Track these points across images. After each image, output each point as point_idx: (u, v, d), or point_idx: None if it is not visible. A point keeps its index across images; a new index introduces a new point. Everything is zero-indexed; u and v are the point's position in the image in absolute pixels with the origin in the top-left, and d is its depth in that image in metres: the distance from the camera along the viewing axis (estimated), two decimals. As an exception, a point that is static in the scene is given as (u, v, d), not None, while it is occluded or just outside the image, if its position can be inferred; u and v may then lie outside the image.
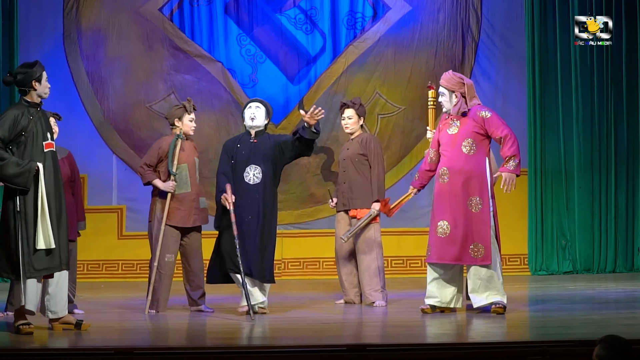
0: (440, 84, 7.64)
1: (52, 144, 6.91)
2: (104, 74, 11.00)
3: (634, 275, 10.72)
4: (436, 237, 7.46)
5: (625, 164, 11.13)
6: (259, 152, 7.84)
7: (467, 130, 7.47)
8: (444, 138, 7.56)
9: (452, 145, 7.49)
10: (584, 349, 5.32)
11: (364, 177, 8.32)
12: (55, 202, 6.83)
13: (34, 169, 6.74)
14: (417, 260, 10.94)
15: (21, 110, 6.87)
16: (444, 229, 7.44)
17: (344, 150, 8.51)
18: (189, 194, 7.98)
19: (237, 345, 6.35)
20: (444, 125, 7.58)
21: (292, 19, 11.17)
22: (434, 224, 7.51)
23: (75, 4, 10.96)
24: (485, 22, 11.14)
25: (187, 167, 7.99)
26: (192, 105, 8.14)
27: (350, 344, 6.03)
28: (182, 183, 7.96)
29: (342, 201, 8.39)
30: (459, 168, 7.45)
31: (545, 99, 11.06)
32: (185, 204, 7.96)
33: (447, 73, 7.71)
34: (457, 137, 7.48)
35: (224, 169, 7.89)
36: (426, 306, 7.54)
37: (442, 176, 7.50)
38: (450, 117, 7.56)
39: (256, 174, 7.81)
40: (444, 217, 7.44)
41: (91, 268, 10.89)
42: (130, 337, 7.07)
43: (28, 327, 6.76)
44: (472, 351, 5.85)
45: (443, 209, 7.46)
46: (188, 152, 8.06)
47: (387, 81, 11.13)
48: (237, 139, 8.01)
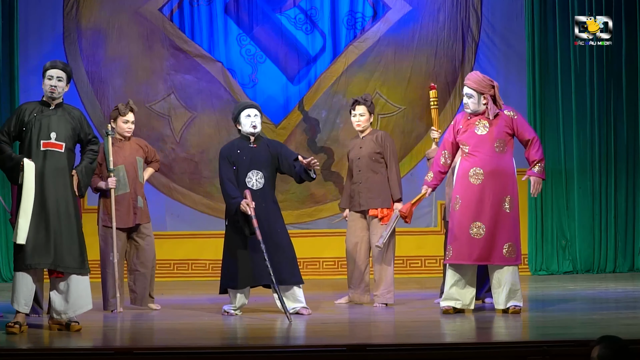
0: (467, 85, 7.54)
1: (55, 144, 6.87)
2: (104, 74, 11.00)
3: (634, 275, 10.72)
4: (468, 238, 7.36)
5: (625, 164, 11.13)
6: (260, 157, 7.82)
7: (498, 131, 7.45)
8: (471, 139, 7.47)
9: (483, 145, 7.44)
10: (584, 349, 5.30)
11: (381, 176, 8.25)
12: (51, 202, 6.80)
13: (20, 163, 6.74)
14: (417, 260, 10.94)
15: (31, 106, 6.94)
16: (478, 230, 7.37)
17: (356, 148, 8.35)
18: (127, 194, 8.09)
19: (237, 345, 6.35)
20: (468, 126, 7.51)
21: (292, 19, 11.17)
22: (464, 224, 7.40)
23: (75, 4, 10.96)
24: (485, 22, 11.14)
25: (124, 167, 8.09)
26: (129, 107, 8.21)
27: (350, 344, 6.03)
28: (119, 184, 8.06)
29: (359, 201, 8.27)
30: (493, 168, 7.42)
31: (545, 99, 11.05)
32: (124, 204, 8.07)
33: (474, 74, 7.62)
34: (489, 138, 7.44)
35: (228, 175, 7.78)
36: (449, 307, 7.47)
37: (473, 177, 7.42)
38: (474, 118, 7.50)
39: (258, 178, 7.78)
40: (479, 218, 7.38)
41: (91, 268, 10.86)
42: (131, 337, 7.07)
43: (13, 327, 6.75)
44: (472, 351, 5.85)
45: (477, 209, 7.38)
46: (127, 152, 8.18)
47: (387, 81, 11.13)
48: (235, 145, 7.93)
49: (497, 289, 7.48)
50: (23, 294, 6.82)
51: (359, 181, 8.30)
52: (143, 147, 8.33)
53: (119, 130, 8.18)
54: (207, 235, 10.84)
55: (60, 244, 6.81)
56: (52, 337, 6.69)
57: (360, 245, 8.31)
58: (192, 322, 7.51)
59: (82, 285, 6.94)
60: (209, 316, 7.78)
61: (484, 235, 7.37)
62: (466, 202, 7.44)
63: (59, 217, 6.83)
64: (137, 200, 8.13)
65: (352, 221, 8.37)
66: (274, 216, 7.79)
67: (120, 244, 8.10)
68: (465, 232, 7.41)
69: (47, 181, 6.82)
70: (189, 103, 11.01)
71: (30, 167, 6.75)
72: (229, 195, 7.70)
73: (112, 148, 8.01)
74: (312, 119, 11.09)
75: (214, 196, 11.00)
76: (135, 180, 8.14)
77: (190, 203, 10.99)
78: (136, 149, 8.26)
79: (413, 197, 7.99)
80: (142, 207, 8.17)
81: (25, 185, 6.74)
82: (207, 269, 10.91)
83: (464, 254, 7.41)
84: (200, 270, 10.82)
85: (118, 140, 8.18)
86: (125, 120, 8.19)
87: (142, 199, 8.18)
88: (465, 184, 7.47)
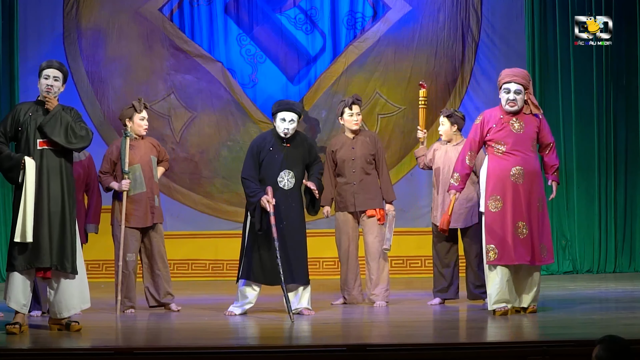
0: (515, 81, 7.39)
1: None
2: (104, 74, 11.00)
3: (634, 275, 10.71)
4: (513, 238, 7.29)
5: (625, 164, 11.13)
6: (293, 156, 7.72)
7: (532, 129, 7.42)
8: (508, 137, 7.37)
9: (522, 144, 7.38)
10: (584, 349, 5.31)
11: (373, 177, 8.25)
12: (49, 201, 6.80)
13: (21, 161, 6.73)
14: (417, 260, 10.93)
15: (26, 106, 6.92)
16: (522, 230, 7.32)
17: (347, 148, 8.27)
18: (144, 193, 8.04)
19: (237, 345, 6.35)
20: (502, 124, 7.40)
21: (292, 19, 11.17)
22: (508, 225, 7.31)
23: (75, 4, 10.96)
24: (485, 22, 11.14)
25: (140, 167, 8.04)
26: (143, 104, 8.16)
27: (350, 344, 6.03)
28: (136, 183, 8.02)
29: (353, 202, 8.23)
30: (532, 168, 7.40)
31: (545, 99, 11.04)
32: (142, 204, 8.03)
33: (518, 70, 7.52)
34: (526, 136, 7.39)
35: (250, 173, 7.65)
36: (503, 308, 7.34)
37: (515, 176, 7.34)
38: (508, 116, 7.40)
39: (289, 178, 7.69)
40: (521, 218, 7.32)
41: (91, 268, 10.83)
42: (130, 337, 7.07)
43: (13, 327, 6.75)
44: (472, 351, 5.85)
45: (520, 209, 7.32)
46: (142, 151, 8.11)
47: (387, 81, 11.13)
48: (267, 141, 7.75)
49: (526, 288, 7.42)
50: (23, 294, 6.81)
51: (352, 182, 8.26)
52: (156, 146, 8.27)
53: (135, 129, 8.09)
54: (207, 235, 10.84)
55: (55, 244, 6.80)
56: (52, 337, 6.69)
57: (352, 247, 8.33)
58: (192, 322, 7.51)
59: (73, 284, 6.93)
60: (209, 316, 7.78)
61: (527, 235, 7.31)
62: (509, 201, 7.33)
63: (54, 216, 6.82)
64: (154, 199, 8.08)
65: (344, 222, 8.30)
66: (298, 215, 7.73)
67: (136, 244, 8.06)
68: (510, 233, 7.30)
69: (44, 180, 6.82)
70: (189, 103, 11.01)
71: (32, 166, 6.75)
72: (250, 190, 7.60)
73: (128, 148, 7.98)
74: (312, 119, 11.09)
75: (214, 196, 11.01)
76: (151, 180, 8.08)
77: (190, 203, 10.99)
78: (150, 147, 8.19)
79: (413, 196, 7.99)
80: (159, 206, 8.13)
81: (28, 184, 6.73)
82: (207, 269, 10.91)
83: (510, 255, 7.30)
84: (200, 270, 10.82)
85: (134, 139, 8.09)
86: (142, 117, 8.12)
87: (157, 198, 8.13)
88: (506, 183, 7.34)
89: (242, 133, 11.08)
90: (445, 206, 7.95)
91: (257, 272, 7.66)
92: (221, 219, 11.09)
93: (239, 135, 11.09)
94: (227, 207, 11.07)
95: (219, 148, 11.03)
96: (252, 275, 7.66)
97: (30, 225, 6.67)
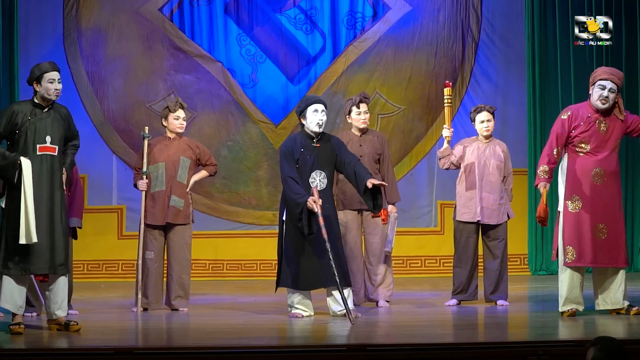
0: (611, 80, 7.34)
1: (50, 147, 6.83)
2: (104, 74, 11.00)
3: (634, 275, 10.70)
4: (592, 240, 7.23)
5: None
6: (323, 156, 7.53)
7: (619, 130, 7.35)
8: (593, 137, 7.28)
9: (606, 145, 7.30)
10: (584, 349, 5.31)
11: (378, 176, 8.15)
12: (47, 206, 6.79)
13: (17, 162, 6.70)
14: (417, 260, 10.94)
15: (23, 107, 6.85)
16: (601, 232, 7.27)
17: (356, 146, 8.12)
18: (162, 192, 8.06)
19: (237, 345, 6.35)
20: (589, 124, 7.30)
21: (292, 19, 11.17)
22: (586, 226, 7.25)
23: (75, 4, 10.97)
24: (485, 22, 11.14)
25: (165, 165, 8.06)
26: (179, 104, 8.19)
27: (350, 344, 6.03)
28: (157, 181, 8.06)
29: (359, 200, 7.98)
30: (613, 169, 7.34)
31: (545, 98, 11.05)
32: (158, 202, 8.06)
33: (613, 69, 7.45)
34: (611, 137, 7.32)
35: (291, 173, 7.39)
36: (572, 309, 7.30)
37: (596, 177, 7.29)
38: (595, 115, 7.32)
39: (322, 179, 7.50)
40: (601, 220, 7.26)
41: (91, 268, 10.90)
42: (130, 337, 7.07)
43: (18, 327, 6.75)
44: (472, 351, 5.85)
45: (600, 211, 7.26)
46: (172, 150, 8.12)
47: (387, 81, 11.13)
48: (298, 142, 7.52)
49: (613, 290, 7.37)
50: (19, 295, 6.80)
51: None
52: (193, 148, 8.21)
53: (170, 128, 8.14)
54: (207, 235, 10.84)
55: (51, 249, 6.79)
56: (52, 337, 6.69)
57: (357, 245, 8.24)
58: (191, 322, 7.51)
59: (65, 285, 6.94)
60: (209, 316, 7.78)
61: (607, 237, 7.26)
62: (589, 202, 7.26)
63: (50, 221, 6.79)
64: (171, 199, 8.06)
65: (350, 221, 8.20)
66: (334, 216, 7.59)
67: (154, 242, 8.08)
68: (588, 234, 7.24)
69: (42, 185, 6.80)
70: (189, 103, 10.97)
71: (28, 166, 6.73)
72: (294, 193, 7.31)
73: (158, 146, 8.07)
74: (312, 119, 11.08)
75: (213, 196, 11.01)
76: (172, 179, 8.06)
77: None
78: (184, 148, 8.16)
79: (413, 197, 7.98)
80: (179, 207, 8.07)
81: (26, 184, 6.71)
82: (207, 269, 10.92)
83: (588, 256, 7.25)
84: (201, 270, 10.81)
85: (167, 138, 8.15)
86: (176, 117, 8.15)
87: (178, 199, 8.07)
88: (586, 183, 7.29)
89: (242, 133, 11.09)
90: (483, 202, 8.03)
91: (304, 279, 7.42)
92: (221, 219, 11.10)
93: (239, 135, 11.10)
94: (227, 207, 11.08)
95: (219, 148, 11.03)
96: (299, 284, 7.43)
97: (33, 226, 6.66)
